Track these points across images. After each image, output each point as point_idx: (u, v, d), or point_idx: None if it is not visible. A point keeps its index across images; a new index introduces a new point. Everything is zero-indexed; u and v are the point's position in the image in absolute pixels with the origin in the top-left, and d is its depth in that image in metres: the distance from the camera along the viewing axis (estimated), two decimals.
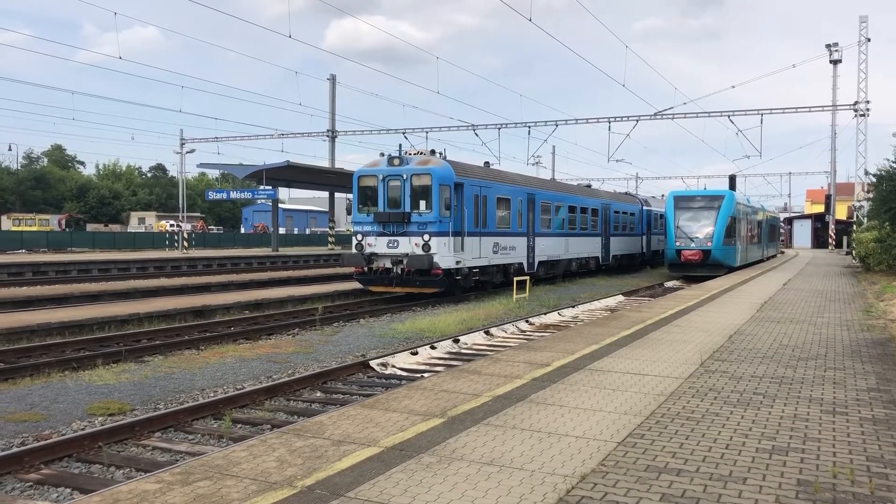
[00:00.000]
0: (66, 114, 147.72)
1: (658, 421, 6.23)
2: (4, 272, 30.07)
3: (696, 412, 6.54)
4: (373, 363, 11.93)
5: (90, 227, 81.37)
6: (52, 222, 74.29)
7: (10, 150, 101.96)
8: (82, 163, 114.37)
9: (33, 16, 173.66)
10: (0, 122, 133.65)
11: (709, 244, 30.51)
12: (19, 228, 64.97)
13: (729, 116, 41.85)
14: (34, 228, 65.55)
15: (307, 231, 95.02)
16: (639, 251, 40.93)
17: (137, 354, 12.63)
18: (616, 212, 36.73)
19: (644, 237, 41.82)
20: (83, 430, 8.09)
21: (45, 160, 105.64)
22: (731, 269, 31.31)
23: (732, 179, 38.70)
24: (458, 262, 21.57)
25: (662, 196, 48.11)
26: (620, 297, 24.27)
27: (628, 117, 43.34)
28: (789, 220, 79.76)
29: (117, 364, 11.81)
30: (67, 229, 71.44)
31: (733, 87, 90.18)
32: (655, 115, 42.84)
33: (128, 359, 12.25)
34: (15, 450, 7.19)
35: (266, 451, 5.37)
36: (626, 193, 45.14)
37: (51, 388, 9.96)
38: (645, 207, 42.26)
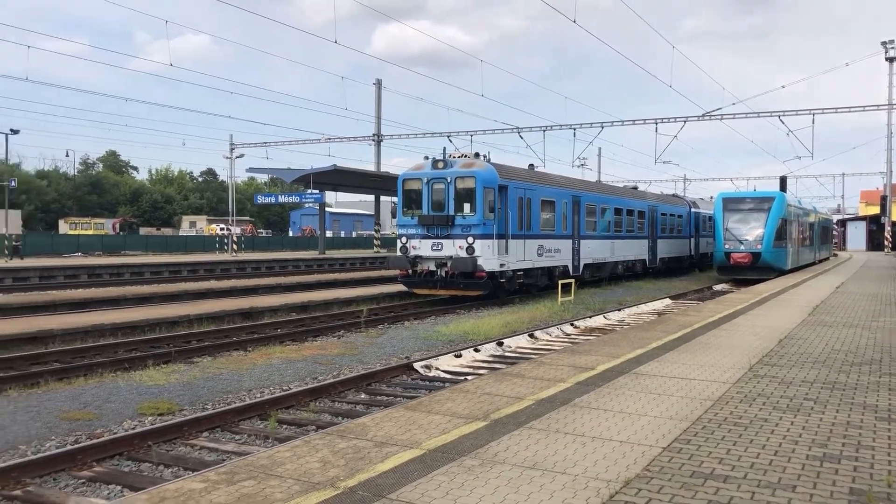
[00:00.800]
0: (120, 120, 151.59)
1: (705, 426, 6.12)
2: (61, 275, 30.95)
3: (744, 417, 6.41)
4: (416, 365, 11.97)
5: (143, 230, 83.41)
6: (107, 226, 76.24)
7: (67, 156, 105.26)
8: (136, 168, 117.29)
9: (89, 26, 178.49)
10: (58, 129, 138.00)
11: (759, 247, 29.92)
12: (76, 232, 66.78)
13: (779, 116, 41.02)
14: (90, 232, 67.35)
15: (353, 234, 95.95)
16: (686, 254, 40.33)
17: (187, 355, 12.87)
18: (663, 214, 36.25)
19: (692, 240, 41.19)
20: (134, 429, 8.28)
21: (101, 166, 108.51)
22: (782, 273, 30.64)
23: (783, 181, 37.88)
24: (502, 265, 21.52)
25: (711, 198, 47.33)
26: (667, 301, 23.94)
27: (675, 118, 42.78)
28: (842, 222, 77.78)
29: (167, 365, 12.05)
30: (121, 233, 73.29)
31: (784, 86, 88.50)
32: (703, 115, 42.21)
33: (177, 359, 12.49)
34: (69, 447, 7.39)
35: (310, 451, 5.42)
36: (673, 195, 44.53)
37: (103, 387, 10.21)
38: (693, 209, 41.63)
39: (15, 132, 43.85)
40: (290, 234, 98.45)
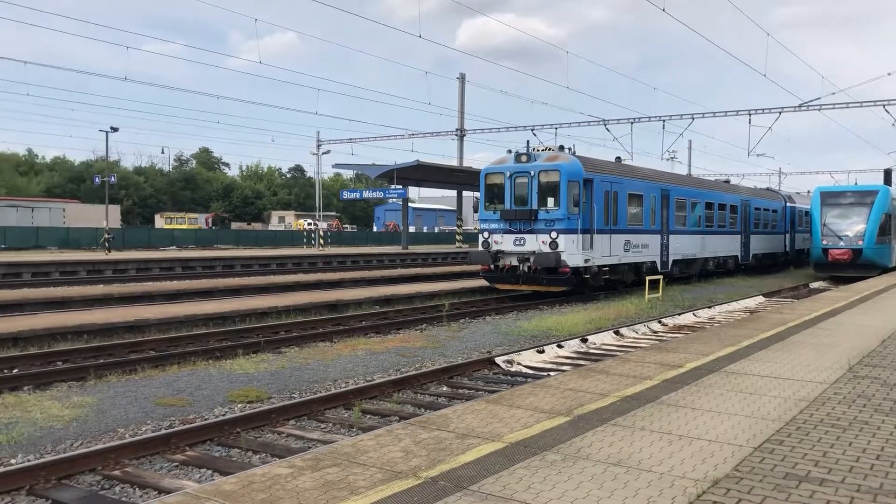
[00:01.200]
0: (212, 118, 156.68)
1: (799, 427, 5.86)
2: (157, 267, 32.28)
3: (842, 419, 6.11)
4: (498, 360, 11.92)
5: (234, 225, 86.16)
6: (200, 221, 79.03)
7: (162, 152, 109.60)
8: (227, 164, 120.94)
9: (185, 27, 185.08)
10: (154, 127, 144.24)
11: (860, 243, 28.55)
12: (171, 226, 69.55)
13: (884, 106, 38.96)
14: (184, 226, 70.00)
15: (436, 229, 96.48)
16: (781, 250, 38.87)
17: (275, 345, 13.20)
18: (756, 208, 35.02)
19: (787, 235, 39.68)
20: (224, 415, 8.54)
21: (194, 162, 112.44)
22: (885, 270, 29.19)
23: (888, 174, 35.97)
24: (586, 261, 21.21)
25: (808, 192, 45.49)
26: (761, 298, 23.13)
27: (770, 109, 41.20)
28: None
29: (256, 354, 12.39)
30: (214, 227, 75.90)
31: (889, 74, 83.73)
32: (800, 106, 40.52)
33: (266, 349, 12.82)
34: (163, 432, 7.68)
35: (392, 441, 5.46)
36: (767, 189, 43.01)
37: (196, 375, 10.58)
38: (788, 204, 40.09)
39: (115, 130, 45.81)
40: (375, 229, 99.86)
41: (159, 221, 79.15)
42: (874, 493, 4.40)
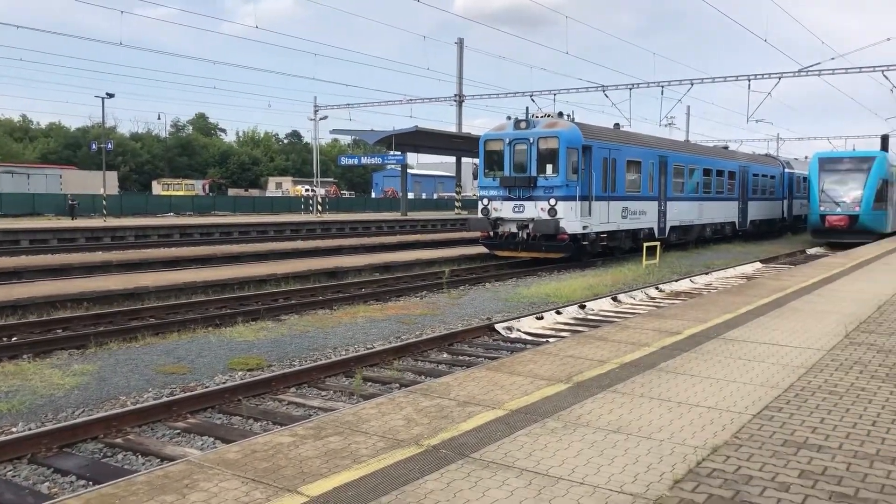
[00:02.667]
0: (208, 83, 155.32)
1: (797, 394, 5.91)
2: (155, 234, 32.26)
3: (839, 386, 6.16)
4: (498, 326, 11.97)
5: (231, 191, 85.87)
6: (197, 187, 78.73)
7: (158, 118, 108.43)
8: (224, 130, 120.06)
9: None
10: (150, 93, 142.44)
11: (857, 209, 28.57)
12: (168, 193, 69.27)
13: (883, 72, 38.64)
14: (181, 193, 69.72)
15: (434, 196, 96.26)
16: (779, 216, 38.88)
17: (274, 313, 13.23)
18: (755, 175, 34.94)
19: (785, 201, 39.65)
20: (225, 383, 8.58)
21: (190, 128, 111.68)
22: (882, 236, 29.23)
23: (885, 140, 35.83)
24: (584, 227, 21.22)
25: (806, 158, 45.36)
26: (758, 265, 23.19)
27: (770, 75, 40.86)
28: None
29: (256, 322, 12.42)
30: (211, 194, 75.65)
31: (889, 39, 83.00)
32: (799, 71, 40.20)
33: (265, 317, 12.86)
34: (165, 399, 7.72)
35: (394, 409, 5.50)
36: (765, 155, 42.88)
37: (196, 343, 10.61)
38: (786, 170, 39.99)
39: (110, 96, 45.47)
40: (373, 195, 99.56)
41: (156, 188, 78.83)
42: (871, 458, 4.45)
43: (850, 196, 28.90)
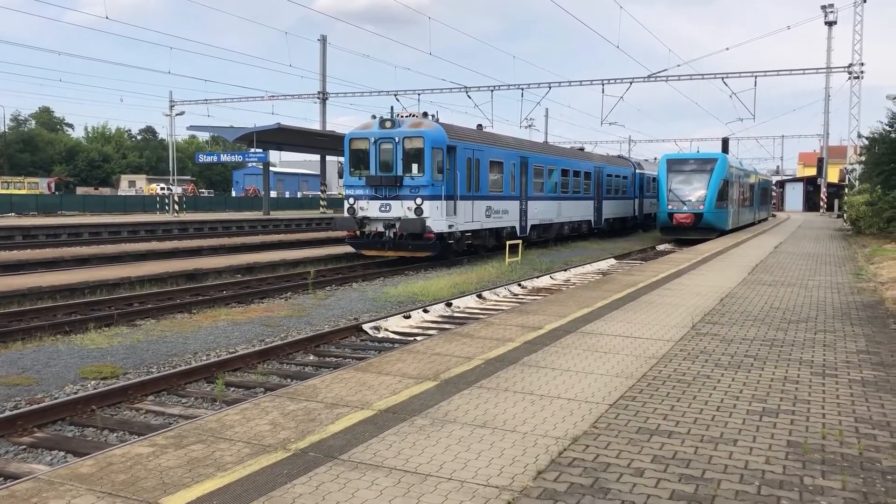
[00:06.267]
0: (54, 75, 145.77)
1: (649, 383, 6.26)
2: None
3: (687, 374, 6.58)
4: (365, 327, 11.95)
5: (80, 190, 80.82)
6: (42, 185, 73.74)
7: None
8: (71, 125, 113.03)
9: None
10: None
11: (701, 207, 30.51)
12: (8, 192, 64.37)
13: (723, 79, 41.66)
14: (23, 192, 65.05)
15: (298, 194, 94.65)
16: (631, 214, 40.93)
17: (129, 318, 12.61)
18: (609, 175, 36.64)
19: (636, 200, 41.79)
20: (76, 393, 8.10)
21: (33, 122, 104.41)
22: (723, 233, 31.37)
23: (725, 142, 38.55)
24: (450, 226, 21.53)
25: (655, 159, 47.97)
26: (612, 261, 24.33)
27: (622, 79, 43.04)
28: (781, 184, 79.63)
29: (109, 328, 11.79)
30: (57, 192, 70.97)
31: (728, 48, 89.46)
32: (649, 77, 42.58)
33: (120, 322, 12.23)
34: (7, 413, 7.19)
35: (259, 414, 5.38)
36: (618, 157, 44.99)
37: (43, 351, 9.95)
38: (637, 171, 42.16)
39: None
40: (234, 194, 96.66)
41: None
42: (715, 441, 4.79)
43: (695, 195, 30.81)
